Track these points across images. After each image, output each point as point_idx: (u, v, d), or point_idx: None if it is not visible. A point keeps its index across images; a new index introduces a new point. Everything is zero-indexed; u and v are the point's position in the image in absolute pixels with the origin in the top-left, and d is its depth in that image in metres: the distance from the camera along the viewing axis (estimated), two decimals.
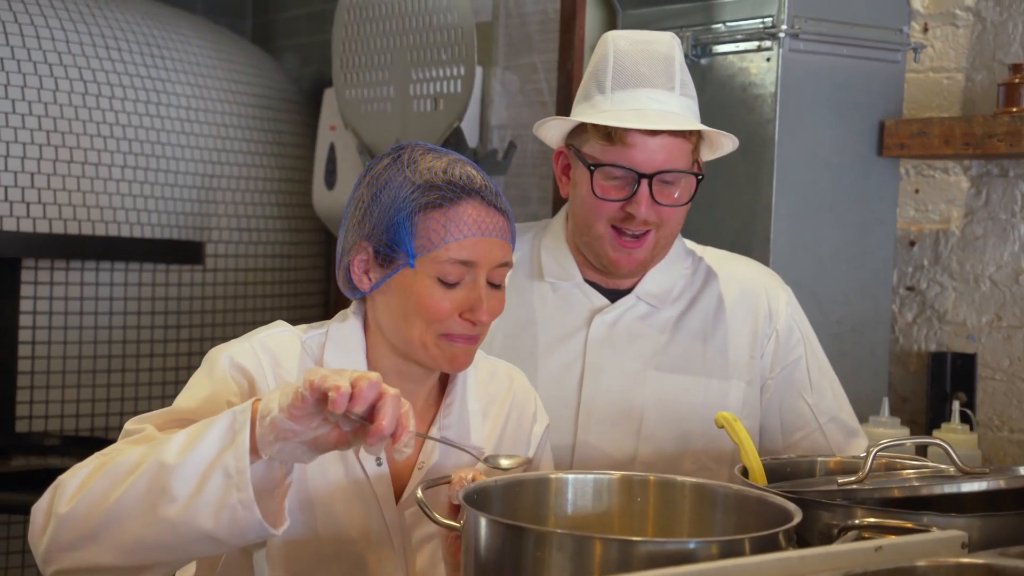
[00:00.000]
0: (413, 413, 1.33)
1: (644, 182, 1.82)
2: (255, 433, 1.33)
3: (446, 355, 1.56)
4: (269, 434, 1.32)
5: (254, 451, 1.33)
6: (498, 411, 1.69)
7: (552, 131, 1.92)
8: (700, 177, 1.88)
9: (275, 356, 1.58)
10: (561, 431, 1.89)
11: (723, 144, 1.90)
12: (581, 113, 1.88)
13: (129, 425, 1.52)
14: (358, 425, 1.32)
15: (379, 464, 1.58)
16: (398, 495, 1.60)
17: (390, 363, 1.60)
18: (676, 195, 1.86)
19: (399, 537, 1.59)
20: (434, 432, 1.62)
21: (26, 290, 3.23)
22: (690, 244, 2.03)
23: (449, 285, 1.53)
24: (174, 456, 1.34)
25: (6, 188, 3.15)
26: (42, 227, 3.18)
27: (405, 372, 1.60)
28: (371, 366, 1.60)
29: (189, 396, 1.55)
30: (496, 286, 1.58)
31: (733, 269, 2.02)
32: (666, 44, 1.88)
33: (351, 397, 1.29)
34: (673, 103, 1.84)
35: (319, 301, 3.96)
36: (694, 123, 1.85)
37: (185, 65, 3.54)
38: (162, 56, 3.50)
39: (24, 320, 3.23)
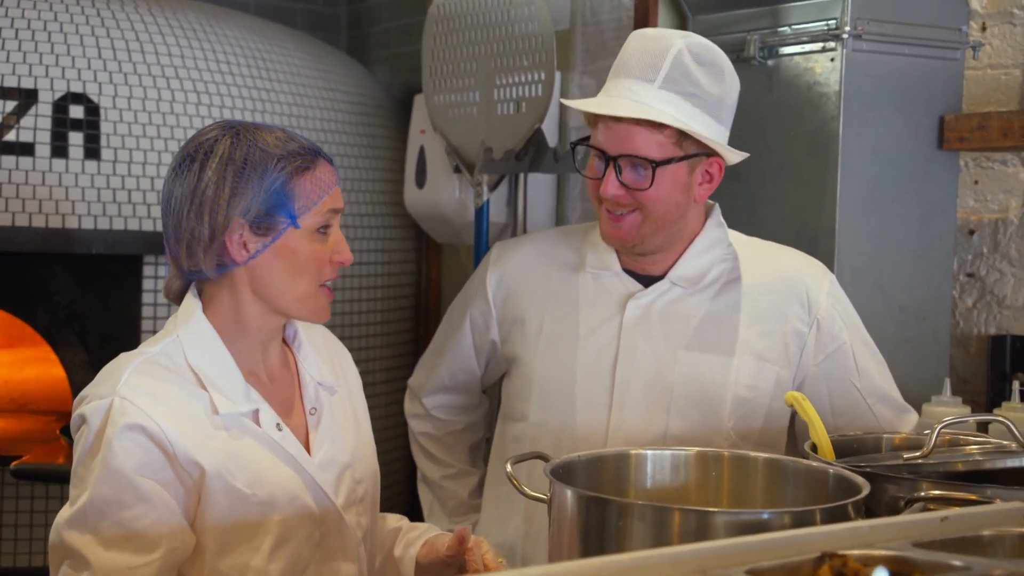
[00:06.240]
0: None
1: (611, 163, 1.82)
2: None
3: (320, 306, 1.65)
4: None
5: None
6: (322, 354, 1.78)
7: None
8: (655, 165, 1.79)
9: (147, 396, 1.54)
10: (596, 410, 1.88)
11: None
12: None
13: (70, 537, 1.50)
14: None
15: (280, 429, 1.63)
16: (307, 447, 1.66)
17: (252, 330, 1.65)
18: (644, 180, 1.80)
19: (322, 480, 1.65)
20: (306, 378, 1.71)
21: (147, 284, 3.29)
22: (735, 234, 1.97)
23: (324, 235, 1.62)
24: None
25: (130, 191, 3.22)
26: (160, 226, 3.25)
27: (262, 334, 1.66)
28: (229, 347, 1.63)
29: (103, 488, 1.50)
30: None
31: (775, 259, 1.96)
32: (665, 41, 1.81)
33: None
34: (649, 95, 1.79)
35: (411, 292, 3.99)
36: (639, 111, 1.77)
37: (287, 76, 3.59)
38: (267, 68, 3.55)
39: (146, 311, 3.29)
